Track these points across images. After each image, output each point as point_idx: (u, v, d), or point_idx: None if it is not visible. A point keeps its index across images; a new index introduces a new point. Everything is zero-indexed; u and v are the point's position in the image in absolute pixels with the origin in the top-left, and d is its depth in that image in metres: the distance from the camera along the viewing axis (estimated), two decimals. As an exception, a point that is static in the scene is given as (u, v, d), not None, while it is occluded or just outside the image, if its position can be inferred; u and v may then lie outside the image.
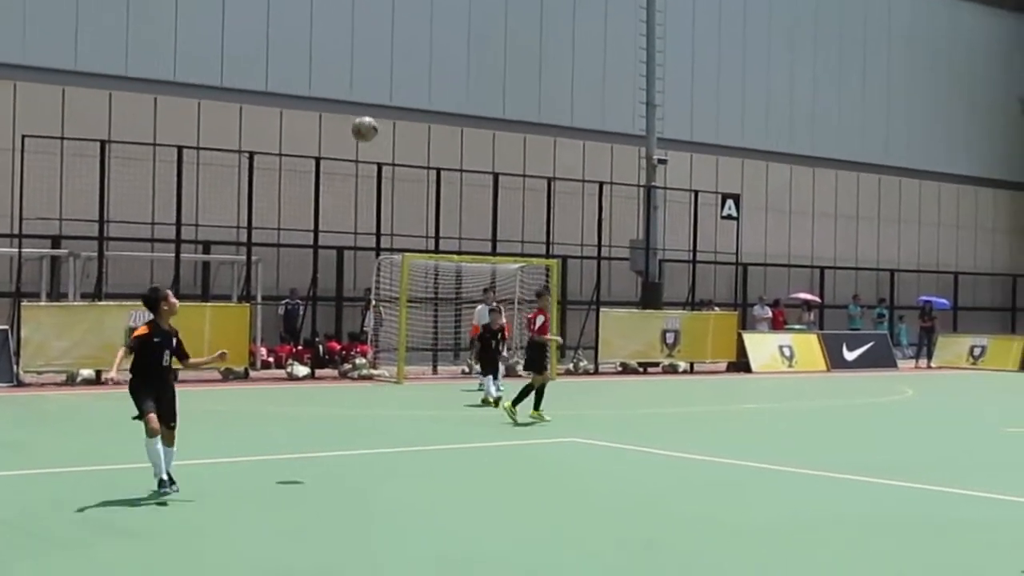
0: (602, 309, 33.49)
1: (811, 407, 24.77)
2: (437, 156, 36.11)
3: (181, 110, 32.94)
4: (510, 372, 29.87)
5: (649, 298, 35.96)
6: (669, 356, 34.18)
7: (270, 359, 30.58)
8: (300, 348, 30.70)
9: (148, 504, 10.93)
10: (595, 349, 33.02)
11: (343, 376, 29.23)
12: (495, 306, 26.00)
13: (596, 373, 32.82)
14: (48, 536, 9.75)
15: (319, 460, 14.81)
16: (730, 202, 37.62)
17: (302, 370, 28.99)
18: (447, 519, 10.94)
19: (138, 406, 11.26)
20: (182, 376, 24.82)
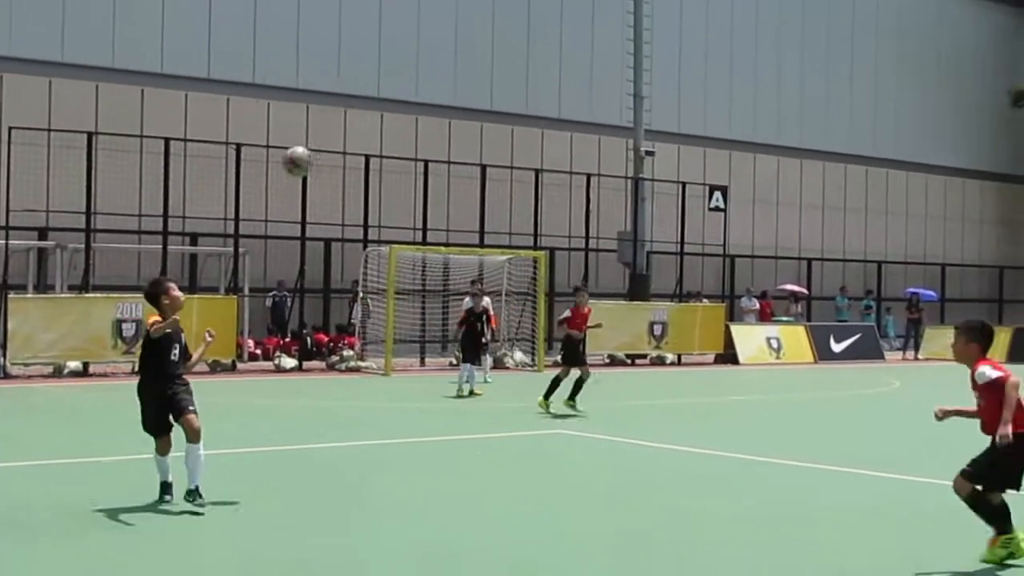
0: (590, 301, 33.43)
1: (798, 399, 24.82)
2: (425, 148, 36.10)
3: (168, 102, 32.88)
4: (498, 364, 29.89)
5: (637, 290, 36.01)
6: (657, 348, 34.21)
7: (258, 351, 30.58)
8: (288, 340, 30.68)
9: (135, 496, 10.91)
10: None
11: (331, 368, 29.21)
12: (477, 290, 25.95)
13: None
14: (36, 527, 9.73)
15: (307, 452, 14.80)
16: (717, 194, 37.67)
17: (290, 362, 28.97)
18: (435, 511, 10.94)
19: (142, 418, 10.64)
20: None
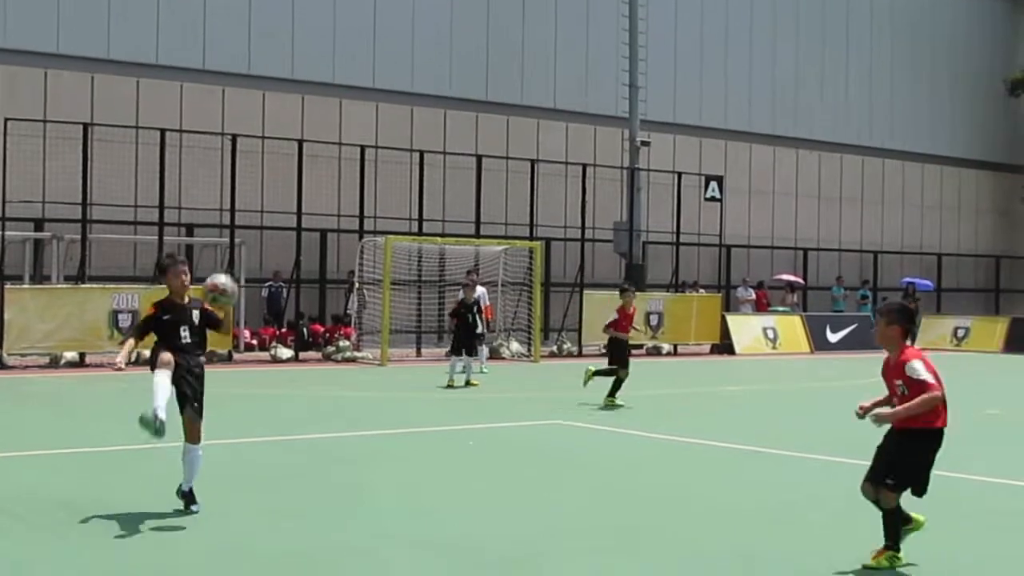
0: (586, 291, 33.53)
1: (795, 389, 24.84)
2: (420, 138, 36.09)
3: (164, 93, 32.85)
4: (494, 354, 29.92)
5: (632, 280, 35.95)
6: (653, 338, 34.24)
7: (254, 341, 30.61)
8: (284, 330, 30.72)
9: (132, 487, 10.94)
10: (579, 331, 33.07)
11: (327, 358, 29.24)
12: (470, 280, 25.89)
13: (580, 355, 32.87)
14: (31, 518, 9.75)
15: (302, 442, 14.83)
16: (713, 184, 37.69)
17: (286, 352, 29.00)
18: (429, 501, 10.96)
19: (152, 365, 9.89)
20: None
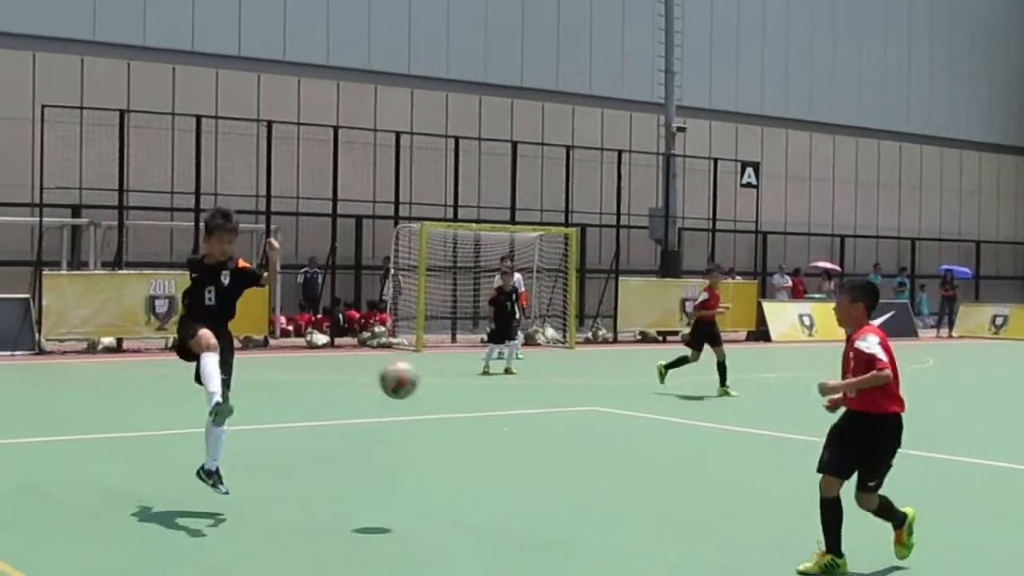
0: (621, 278, 33.42)
1: (831, 376, 24.66)
2: (455, 124, 36.06)
3: (199, 79, 32.95)
4: (529, 340, 29.89)
5: (668, 267, 35.89)
6: (688, 325, 34.07)
7: (289, 328, 30.68)
8: (319, 317, 30.77)
9: (169, 471, 10.96)
10: (614, 318, 32.98)
11: (362, 344, 29.28)
12: (507, 267, 25.87)
13: (615, 342, 32.81)
14: (69, 502, 9.79)
15: (339, 428, 14.85)
16: (749, 170, 37.49)
17: (321, 338, 29.05)
18: (466, 485, 10.96)
19: (184, 337, 9.50)
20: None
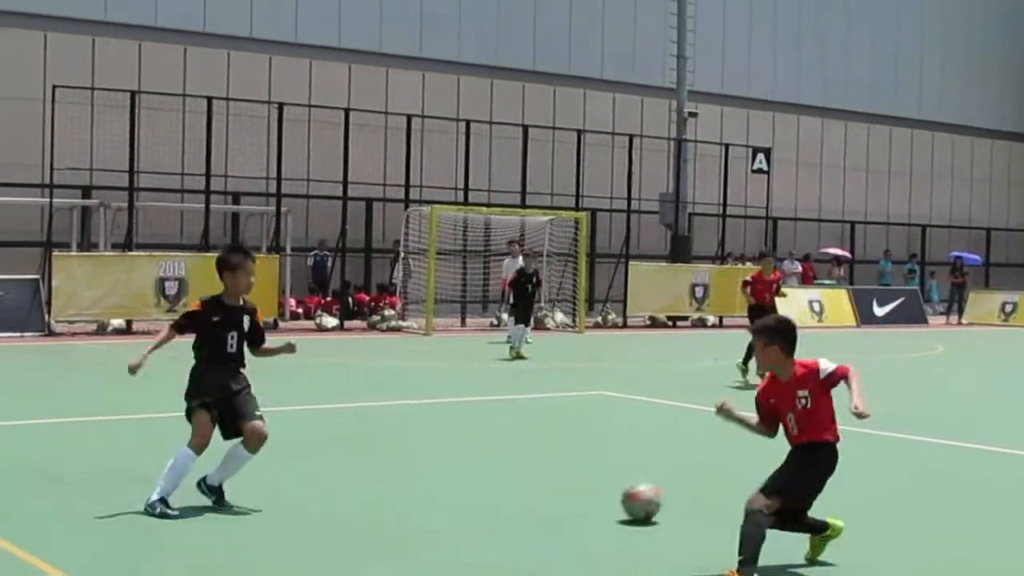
0: (631, 262, 33.39)
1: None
2: (466, 108, 36.00)
3: (211, 61, 32.92)
4: (539, 325, 29.87)
5: (678, 252, 35.84)
6: (698, 310, 34.09)
7: (299, 310, 30.68)
8: (329, 299, 30.78)
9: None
10: (624, 302, 32.95)
11: (372, 327, 29.28)
12: (530, 251, 25.97)
13: (624, 326, 32.78)
14: (77, 484, 9.81)
15: (347, 411, 14.86)
16: (760, 156, 37.41)
17: (331, 321, 29.05)
18: (474, 469, 10.97)
19: (188, 401, 8.92)
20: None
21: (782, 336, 7.65)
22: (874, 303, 38.11)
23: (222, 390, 8.86)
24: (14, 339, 23.81)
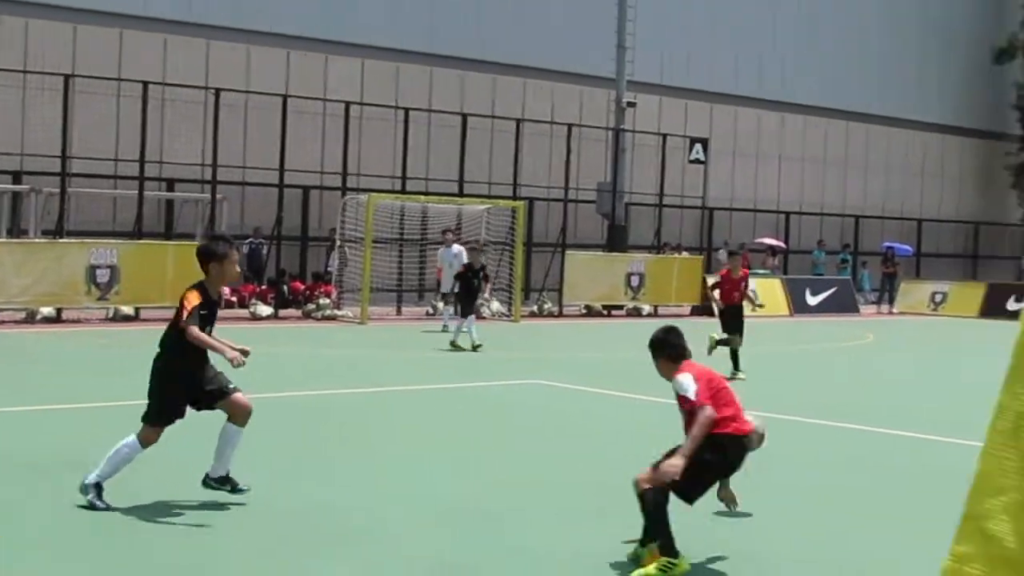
0: (567, 251, 33.48)
1: (772, 351, 24.89)
2: (405, 96, 35.92)
3: (147, 45, 32.59)
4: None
5: (615, 241, 36.01)
6: (634, 299, 34.26)
7: (233, 298, 30.44)
8: (264, 288, 30.60)
9: (106, 441, 10.88)
10: (560, 291, 33.05)
11: (307, 316, 29.17)
12: (476, 246, 25.96)
13: (560, 315, 32.88)
14: (13, 474, 9.73)
15: (280, 400, 14.80)
16: (698, 146, 37.63)
17: (265, 310, 28.91)
18: (413, 460, 10.97)
19: (154, 404, 8.70)
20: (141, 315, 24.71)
21: (667, 349, 7.94)
22: (807, 292, 38.49)
23: (192, 376, 8.75)
24: (-57, 326, 23.49)
